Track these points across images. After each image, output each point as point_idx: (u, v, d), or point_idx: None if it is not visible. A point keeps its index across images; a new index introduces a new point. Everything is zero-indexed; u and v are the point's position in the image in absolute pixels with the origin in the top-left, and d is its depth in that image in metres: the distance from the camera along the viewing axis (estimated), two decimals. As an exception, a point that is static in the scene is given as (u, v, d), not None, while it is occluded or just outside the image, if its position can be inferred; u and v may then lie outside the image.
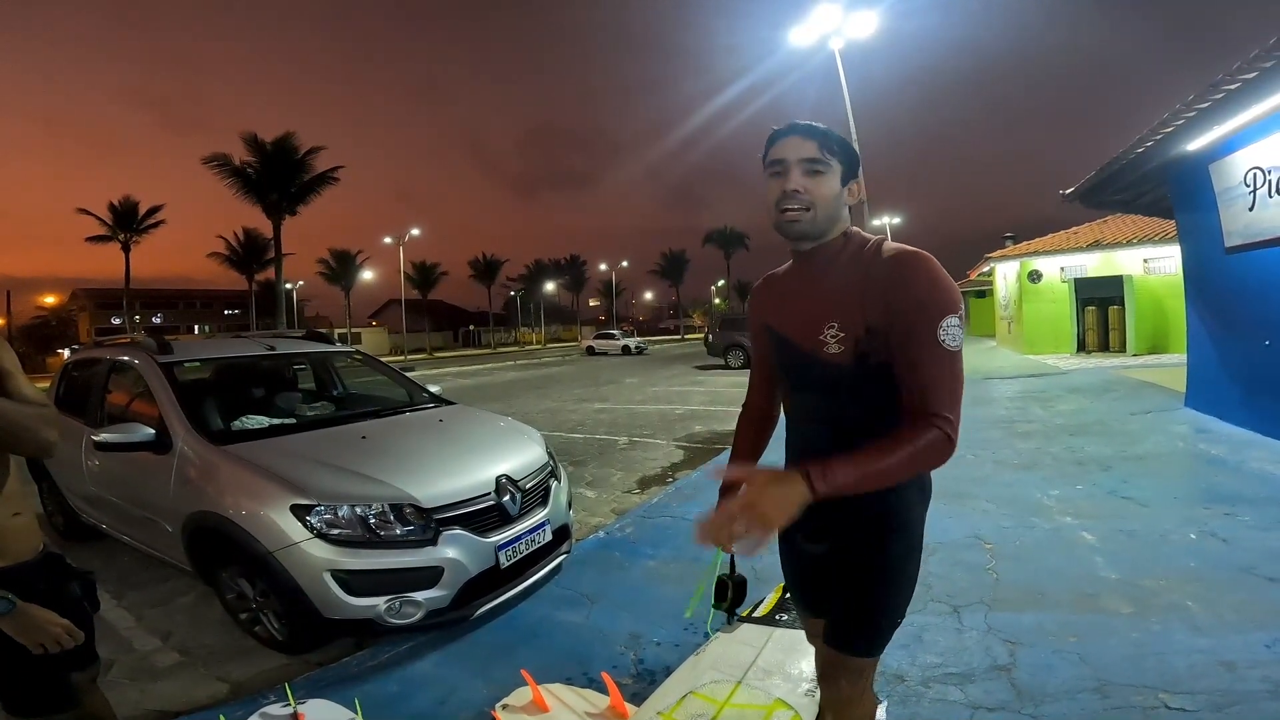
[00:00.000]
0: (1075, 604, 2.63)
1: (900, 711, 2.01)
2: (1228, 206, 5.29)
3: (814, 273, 1.26)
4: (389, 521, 2.53)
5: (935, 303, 1.10)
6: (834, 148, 1.22)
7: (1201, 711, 1.86)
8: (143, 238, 36.03)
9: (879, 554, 1.24)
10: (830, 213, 1.22)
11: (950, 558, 3.24)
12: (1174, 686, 1.99)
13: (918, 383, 1.12)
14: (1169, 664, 2.12)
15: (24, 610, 1.31)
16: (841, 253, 1.23)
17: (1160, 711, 1.87)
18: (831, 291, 1.21)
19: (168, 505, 2.87)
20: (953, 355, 1.11)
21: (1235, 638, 2.24)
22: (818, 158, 1.19)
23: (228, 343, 4.11)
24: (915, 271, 1.13)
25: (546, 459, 3.37)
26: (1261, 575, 2.70)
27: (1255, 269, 5.16)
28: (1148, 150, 5.70)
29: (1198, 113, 4.84)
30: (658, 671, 2.38)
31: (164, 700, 2.40)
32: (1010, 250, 16.49)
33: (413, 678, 2.43)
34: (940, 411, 1.10)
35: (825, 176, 1.20)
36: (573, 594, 3.16)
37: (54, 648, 1.34)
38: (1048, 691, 2.02)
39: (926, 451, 1.09)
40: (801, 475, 1.04)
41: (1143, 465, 4.76)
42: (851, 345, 1.17)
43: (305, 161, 27.61)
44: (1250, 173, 4.91)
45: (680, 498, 4.99)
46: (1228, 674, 2.04)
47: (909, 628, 1.99)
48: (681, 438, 8.04)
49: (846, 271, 1.20)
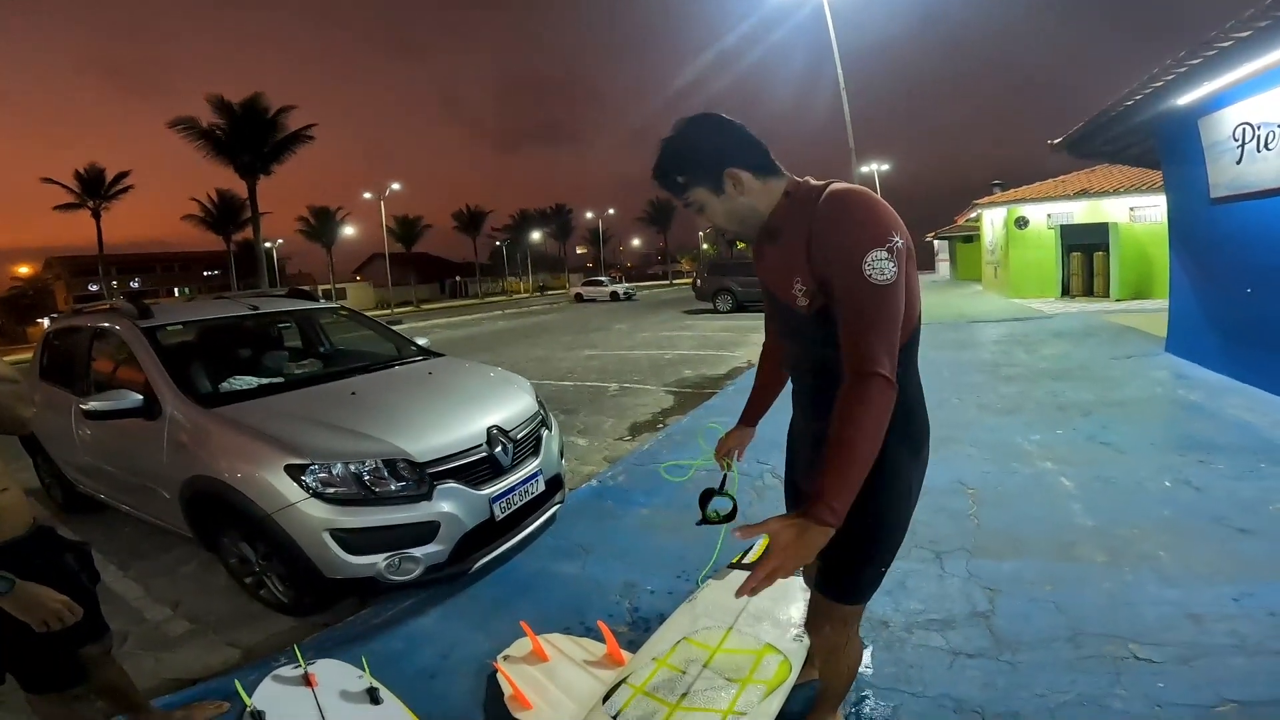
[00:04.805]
0: (1053, 552, 2.72)
1: (885, 656, 2.10)
2: (1215, 160, 5.35)
3: (775, 236, 1.30)
4: (383, 477, 2.53)
5: (859, 237, 1.10)
6: (685, 181, 1.25)
7: (1168, 664, 1.93)
8: (112, 204, 35.49)
9: (869, 500, 1.26)
10: (738, 217, 1.27)
11: (934, 503, 3.32)
12: (1143, 637, 2.07)
13: (850, 330, 1.12)
14: (1140, 614, 2.20)
15: (23, 589, 1.31)
16: (789, 213, 1.24)
17: (1129, 662, 1.95)
18: (790, 251, 1.24)
19: (162, 472, 2.84)
20: (881, 289, 1.09)
21: (1204, 590, 2.32)
22: (687, 201, 1.26)
23: (210, 304, 4.01)
24: (838, 210, 1.13)
25: (537, 408, 3.38)
26: (1232, 526, 2.78)
27: (1239, 220, 5.24)
28: (1137, 103, 5.72)
29: (1189, 68, 4.85)
30: (652, 619, 2.45)
31: (180, 669, 2.44)
32: (998, 197, 16.53)
33: (416, 634, 2.48)
34: (873, 369, 1.09)
35: (705, 205, 1.25)
36: (567, 545, 3.22)
37: (56, 625, 1.35)
38: (1024, 639, 2.11)
39: (879, 404, 1.09)
40: (814, 521, 1.06)
41: (1122, 411, 4.87)
42: (813, 299, 1.21)
43: (277, 121, 26.99)
44: (1239, 128, 4.97)
45: (671, 444, 5.06)
46: (1194, 626, 2.11)
47: (894, 574, 2.05)
48: (671, 383, 8.09)
49: (798, 227, 1.22)
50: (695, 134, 1.25)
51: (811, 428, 1.44)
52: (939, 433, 1.43)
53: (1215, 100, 5.22)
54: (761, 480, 3.82)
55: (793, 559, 1.05)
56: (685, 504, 3.59)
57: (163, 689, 2.25)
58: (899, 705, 1.86)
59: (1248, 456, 3.61)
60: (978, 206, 17.46)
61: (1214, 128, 5.29)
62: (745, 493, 2.06)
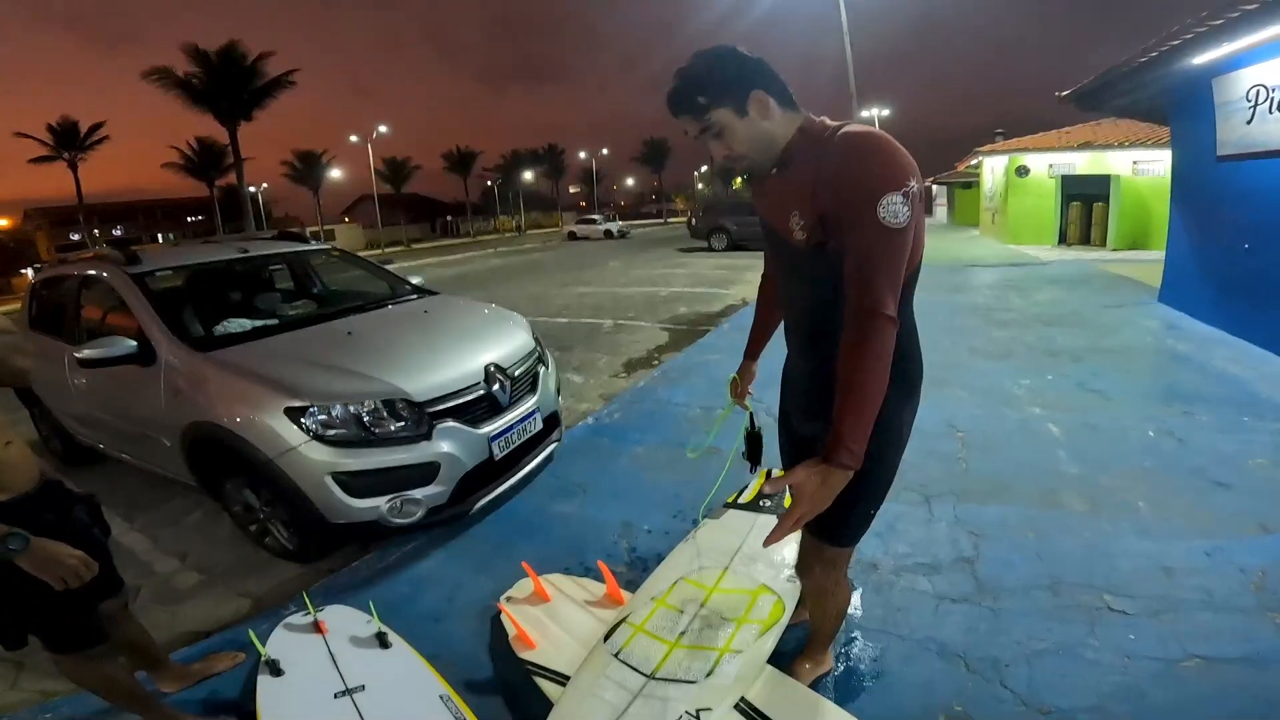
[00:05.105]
0: (1037, 499, 2.80)
1: (874, 599, 2.19)
2: (1226, 119, 5.42)
3: (783, 169, 1.30)
4: (382, 418, 2.52)
5: (876, 180, 1.11)
6: (708, 102, 1.21)
7: (1139, 616, 2.00)
8: (89, 154, 35.31)
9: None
10: (759, 142, 1.25)
11: (924, 446, 3.37)
12: (1117, 589, 2.14)
13: (858, 271, 1.14)
14: (1116, 565, 2.27)
15: (38, 545, 1.29)
16: (801, 148, 1.25)
17: (1103, 613, 2.03)
18: (794, 185, 1.26)
19: (161, 419, 2.81)
20: (893, 232, 1.11)
21: (1179, 543, 2.39)
22: (705, 126, 1.23)
23: (198, 249, 3.90)
24: (858, 151, 1.14)
25: (534, 345, 3.36)
26: (1210, 479, 2.85)
27: (1243, 178, 5.32)
28: (1152, 60, 5.71)
29: (1210, 28, 4.81)
30: (649, 559, 2.53)
31: (194, 621, 2.47)
32: (1000, 145, 16.49)
33: (420, 577, 2.54)
34: (879, 309, 1.12)
35: (726, 130, 1.23)
36: (565, 484, 3.28)
37: (74, 581, 1.34)
38: (1005, 586, 2.19)
39: (885, 344, 1.13)
40: (835, 465, 1.11)
41: (1112, 358, 4.93)
42: (811, 233, 1.24)
43: (255, 68, 26.17)
44: (1254, 89, 5.05)
45: (666, 381, 5.09)
46: (1166, 580, 2.18)
47: (884, 517, 2.11)
48: (666, 319, 8.07)
49: (806, 163, 1.23)
50: (721, 57, 1.22)
51: (805, 365, 1.47)
52: (931, 374, 1.44)
53: (1232, 61, 5.23)
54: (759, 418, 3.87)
55: (818, 504, 1.12)
56: (680, 442, 3.68)
57: (178, 643, 2.29)
58: (886, 647, 1.95)
59: (1232, 409, 3.68)
60: (979, 154, 17.43)
61: (1228, 87, 5.36)
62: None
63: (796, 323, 1.47)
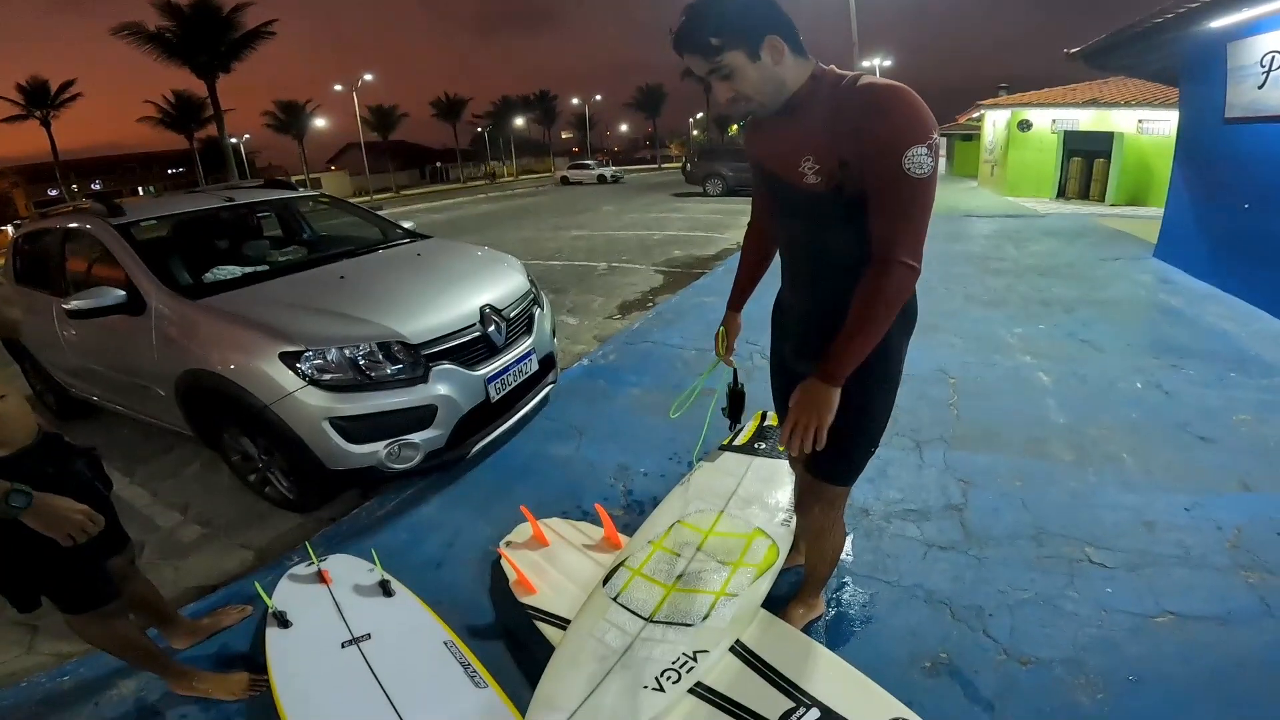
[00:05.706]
0: (1025, 447, 2.85)
1: (864, 544, 2.24)
2: (1238, 83, 5.45)
3: (792, 114, 1.28)
4: (378, 361, 2.50)
5: (903, 132, 1.13)
6: (720, 42, 1.17)
7: (1118, 569, 2.05)
8: (61, 112, 35.25)
9: (866, 379, 1.32)
10: (769, 87, 1.23)
11: (916, 391, 3.43)
12: (1099, 541, 2.19)
13: (883, 219, 1.18)
14: (1099, 518, 2.32)
15: (42, 501, 1.26)
16: (813, 94, 1.25)
17: (1084, 565, 2.08)
18: (806, 130, 1.25)
19: (155, 369, 2.76)
20: (917, 183, 1.14)
21: (1160, 497, 2.43)
22: (714, 67, 1.20)
23: (183, 198, 3.76)
24: (884, 102, 1.15)
25: (529, 286, 3.33)
26: (1194, 433, 2.90)
27: (1249, 140, 5.37)
28: (1168, 21, 5.66)
29: None
30: (645, 502, 2.57)
31: (199, 575, 2.46)
32: (1003, 100, 16.32)
33: (420, 524, 2.56)
34: (901, 257, 1.17)
35: (735, 71, 1.20)
36: (561, 426, 3.30)
37: (80, 536, 1.32)
38: (992, 535, 2.25)
39: (898, 289, 1.19)
40: (820, 378, 1.25)
41: (1104, 310, 4.95)
42: (827, 177, 1.23)
43: (232, 20, 24.98)
44: (1268, 55, 5.07)
45: (661, 322, 5.09)
46: (1147, 534, 2.22)
47: (876, 462, 2.15)
48: (660, 262, 7.98)
49: (819, 110, 1.23)
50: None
51: (803, 306, 1.48)
52: (925, 320, 1.46)
53: (1250, 27, 5.23)
54: (751, 361, 3.90)
55: (804, 413, 1.26)
56: (676, 384, 3.70)
57: (186, 598, 2.29)
58: (875, 593, 2.01)
59: (1220, 364, 3.71)
60: (981, 107, 17.30)
61: (1242, 52, 5.37)
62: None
63: (797, 265, 1.47)
